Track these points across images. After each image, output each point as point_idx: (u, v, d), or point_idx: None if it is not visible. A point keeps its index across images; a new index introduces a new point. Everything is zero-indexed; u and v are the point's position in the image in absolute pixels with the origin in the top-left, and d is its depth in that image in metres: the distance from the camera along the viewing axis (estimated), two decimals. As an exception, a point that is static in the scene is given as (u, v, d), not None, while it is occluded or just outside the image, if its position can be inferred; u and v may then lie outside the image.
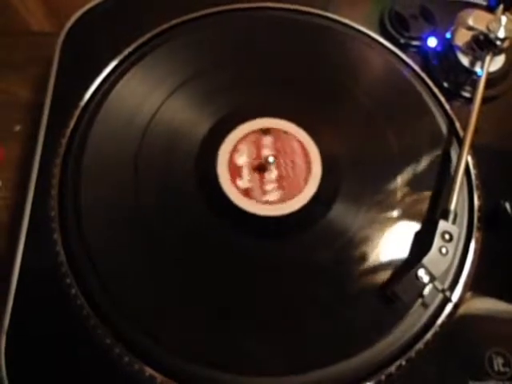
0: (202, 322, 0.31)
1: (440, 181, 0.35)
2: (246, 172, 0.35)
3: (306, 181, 0.35)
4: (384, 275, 0.32)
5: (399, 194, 0.35)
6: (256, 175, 0.35)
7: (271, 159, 0.34)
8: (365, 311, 0.32)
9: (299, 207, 0.34)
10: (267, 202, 0.34)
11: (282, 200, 0.34)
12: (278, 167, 0.35)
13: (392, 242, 0.34)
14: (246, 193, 0.34)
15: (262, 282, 0.32)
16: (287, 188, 0.35)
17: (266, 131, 0.36)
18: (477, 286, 0.33)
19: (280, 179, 0.35)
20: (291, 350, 0.31)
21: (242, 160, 0.35)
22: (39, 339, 0.31)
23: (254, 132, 0.36)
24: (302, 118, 0.37)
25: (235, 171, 0.35)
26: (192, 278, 0.32)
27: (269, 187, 0.35)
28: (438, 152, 0.37)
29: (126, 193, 0.34)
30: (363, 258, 0.33)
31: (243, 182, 0.35)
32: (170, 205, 0.34)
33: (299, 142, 0.36)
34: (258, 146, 0.36)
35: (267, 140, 0.36)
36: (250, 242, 0.34)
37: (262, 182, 0.35)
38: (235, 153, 0.35)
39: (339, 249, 0.33)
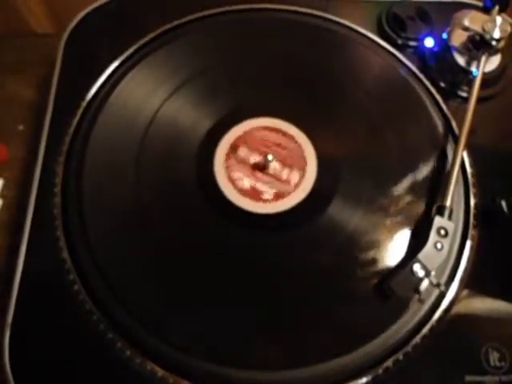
0: (202, 317, 0.32)
1: (436, 179, 0.36)
2: (243, 171, 0.35)
3: (302, 178, 0.35)
4: (381, 271, 0.33)
5: (396, 192, 0.35)
6: (253, 174, 0.36)
7: (270, 157, 0.34)
8: (362, 307, 0.32)
9: (296, 203, 0.35)
10: (264, 200, 0.35)
11: (279, 197, 0.35)
12: (275, 166, 0.36)
13: (389, 238, 0.34)
14: (244, 191, 0.35)
15: (260, 279, 0.33)
16: (283, 186, 0.35)
17: (263, 131, 0.37)
18: (473, 282, 0.33)
19: (277, 177, 0.35)
20: (292, 346, 0.31)
21: (239, 159, 0.36)
22: (42, 333, 0.31)
23: (251, 131, 0.37)
24: (298, 117, 0.37)
25: (233, 170, 0.35)
26: (192, 273, 0.33)
27: (265, 185, 0.35)
28: (435, 150, 0.37)
29: (127, 190, 0.35)
30: (361, 254, 0.33)
31: (241, 181, 0.35)
32: (170, 202, 0.35)
33: (296, 140, 0.37)
34: (256, 145, 0.36)
35: (265, 139, 0.37)
36: (247, 239, 0.34)
37: (259, 180, 0.35)
38: (233, 152, 0.36)
39: (337, 246, 0.34)
